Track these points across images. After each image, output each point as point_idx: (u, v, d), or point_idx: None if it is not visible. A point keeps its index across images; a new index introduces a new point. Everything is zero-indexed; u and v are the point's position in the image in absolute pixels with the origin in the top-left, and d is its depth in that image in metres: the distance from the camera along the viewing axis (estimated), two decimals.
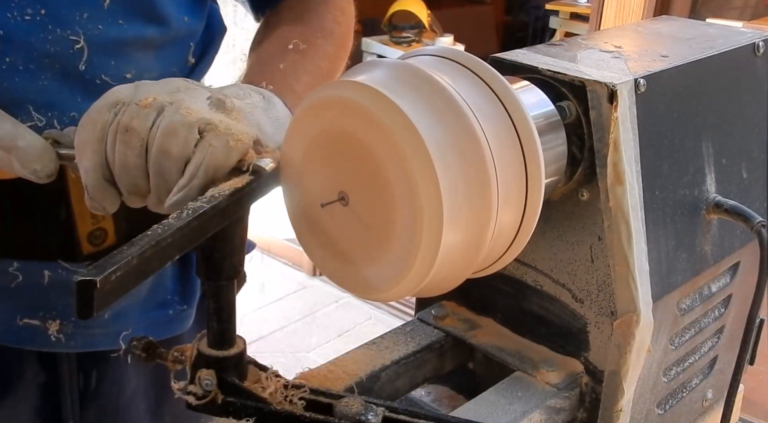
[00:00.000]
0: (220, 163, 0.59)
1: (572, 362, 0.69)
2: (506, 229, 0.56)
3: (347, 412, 0.59)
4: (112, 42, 0.74)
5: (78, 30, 0.72)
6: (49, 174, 0.64)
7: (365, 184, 0.54)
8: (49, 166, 0.64)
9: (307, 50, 0.83)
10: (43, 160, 0.64)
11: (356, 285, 0.59)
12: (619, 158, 0.62)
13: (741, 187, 0.76)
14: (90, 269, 0.47)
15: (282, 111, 0.72)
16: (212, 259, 0.58)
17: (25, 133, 0.64)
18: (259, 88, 0.73)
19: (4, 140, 0.63)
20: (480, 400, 0.68)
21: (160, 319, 0.86)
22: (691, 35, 0.77)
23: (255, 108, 0.68)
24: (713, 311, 0.78)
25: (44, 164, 0.64)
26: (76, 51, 0.72)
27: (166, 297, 0.87)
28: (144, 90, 0.62)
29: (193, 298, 0.88)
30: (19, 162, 0.63)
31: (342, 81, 0.56)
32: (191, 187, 0.59)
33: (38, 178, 0.64)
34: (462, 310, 0.77)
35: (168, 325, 0.86)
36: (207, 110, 0.61)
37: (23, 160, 0.63)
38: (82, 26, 0.72)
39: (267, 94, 0.72)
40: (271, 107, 0.71)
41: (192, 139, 0.60)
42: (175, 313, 0.87)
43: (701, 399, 0.82)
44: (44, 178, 0.64)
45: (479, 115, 0.53)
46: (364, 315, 3.01)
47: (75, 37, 0.72)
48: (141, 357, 0.63)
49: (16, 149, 0.63)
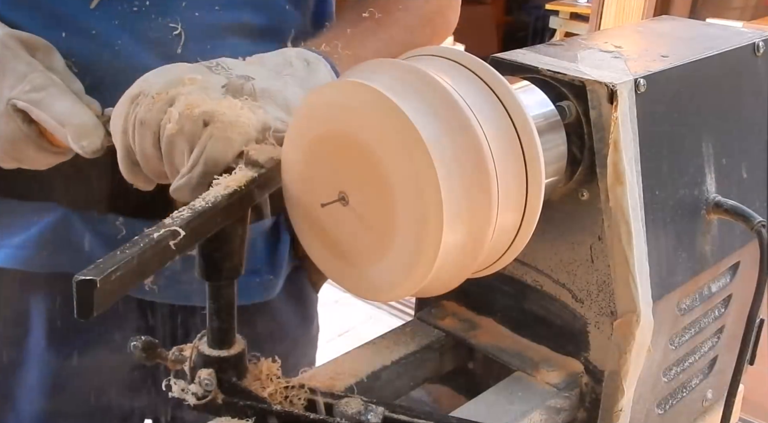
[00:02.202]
0: (219, 154, 0.61)
1: (572, 362, 0.69)
2: (506, 229, 0.56)
3: (347, 412, 0.59)
4: (208, 28, 0.79)
5: (176, 17, 0.78)
6: (95, 150, 0.69)
7: (365, 184, 0.54)
8: (95, 143, 0.68)
9: (383, 19, 0.85)
10: (91, 137, 0.68)
11: (356, 285, 0.59)
12: (619, 158, 0.62)
13: (741, 187, 0.76)
14: (90, 269, 0.47)
15: (325, 78, 0.74)
16: (212, 259, 0.58)
17: (81, 112, 0.69)
18: (307, 52, 0.76)
19: (62, 116, 0.69)
20: (480, 400, 0.68)
21: (249, 285, 0.90)
22: (691, 35, 0.77)
23: (290, 80, 0.71)
24: (713, 311, 0.78)
25: (91, 141, 0.68)
26: (175, 37, 0.78)
27: (256, 266, 0.91)
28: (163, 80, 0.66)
29: (280, 268, 0.92)
30: (71, 137, 0.69)
31: (342, 81, 0.56)
32: (192, 175, 0.62)
33: (85, 153, 0.69)
34: (462, 310, 0.77)
35: (256, 290, 0.91)
36: (217, 100, 0.64)
37: (74, 136, 0.68)
38: (180, 13, 0.78)
39: (313, 60, 0.75)
40: (312, 75, 0.73)
41: (197, 130, 0.62)
42: (262, 281, 0.91)
43: (701, 399, 0.82)
44: (90, 153, 0.69)
45: (479, 115, 0.53)
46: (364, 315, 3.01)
47: (173, 23, 0.78)
48: (141, 357, 0.63)
49: (70, 125, 0.69)
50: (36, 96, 0.70)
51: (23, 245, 0.85)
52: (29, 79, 0.70)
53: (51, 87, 0.70)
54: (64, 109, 0.69)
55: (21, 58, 0.71)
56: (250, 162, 0.61)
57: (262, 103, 0.66)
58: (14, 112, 0.70)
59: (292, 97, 0.69)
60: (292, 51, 0.76)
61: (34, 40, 0.73)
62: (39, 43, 0.73)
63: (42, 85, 0.70)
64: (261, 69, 0.71)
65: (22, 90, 0.70)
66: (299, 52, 0.75)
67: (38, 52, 0.73)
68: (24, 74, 0.70)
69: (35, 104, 0.70)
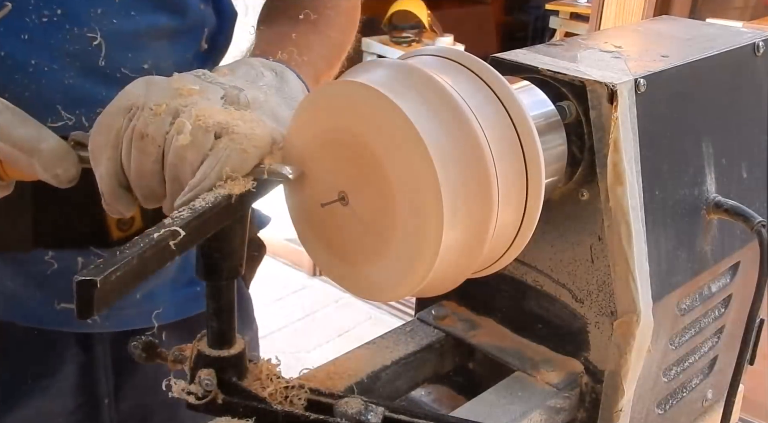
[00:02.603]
0: (236, 167, 0.58)
1: (572, 362, 0.69)
2: (506, 229, 0.56)
3: (347, 412, 0.59)
4: (126, 34, 0.76)
5: (94, 26, 0.73)
6: (71, 179, 0.63)
7: (365, 185, 0.54)
8: (70, 171, 0.63)
9: (318, 20, 0.85)
10: (64, 164, 0.62)
11: (357, 285, 0.59)
12: (619, 158, 0.62)
13: (741, 187, 0.76)
14: (90, 269, 0.47)
15: (296, 86, 0.72)
16: (212, 259, 0.58)
17: (48, 137, 0.63)
18: (271, 63, 0.73)
19: (27, 143, 0.62)
20: (480, 400, 0.68)
21: (189, 296, 0.88)
22: (691, 35, 0.77)
23: (268, 91, 0.68)
24: (713, 311, 0.78)
25: (66, 168, 0.62)
26: (94, 47, 0.73)
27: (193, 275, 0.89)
28: (156, 91, 0.62)
29: None
30: (41, 166, 0.62)
31: (342, 81, 0.56)
32: (202, 188, 0.58)
33: (59, 183, 0.63)
34: (462, 310, 0.77)
35: (197, 301, 0.87)
36: (222, 111, 0.61)
37: (45, 165, 0.62)
38: (97, 22, 0.73)
39: (279, 70, 0.73)
40: (285, 84, 0.71)
41: (208, 143, 0.59)
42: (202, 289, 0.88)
43: (701, 399, 0.82)
44: (65, 182, 0.63)
45: (479, 115, 0.53)
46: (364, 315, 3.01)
47: (92, 33, 0.73)
48: (141, 357, 0.63)
49: (39, 153, 0.62)
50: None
51: None
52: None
53: (6, 112, 0.63)
54: (27, 136, 0.62)
55: None
56: (274, 174, 0.58)
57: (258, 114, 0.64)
58: None
59: (276, 107, 0.67)
60: (256, 61, 0.72)
61: None
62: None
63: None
64: (237, 80, 0.68)
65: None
66: (263, 63, 0.72)
67: None
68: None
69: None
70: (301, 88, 0.73)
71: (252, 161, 0.58)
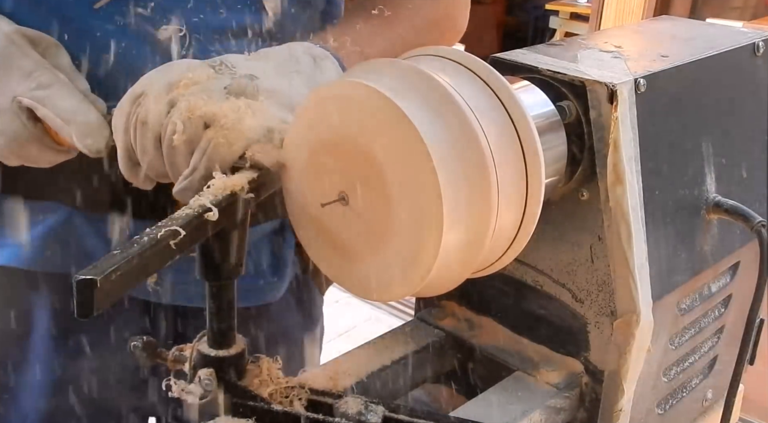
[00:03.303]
0: (221, 157, 0.61)
1: (572, 362, 0.69)
2: (506, 229, 0.56)
3: (347, 412, 0.59)
4: (211, 30, 0.79)
5: (182, 19, 0.77)
6: (99, 149, 0.69)
7: (365, 184, 0.54)
8: (99, 142, 0.69)
9: (391, 17, 0.85)
10: (95, 135, 0.69)
11: (357, 285, 0.59)
12: (619, 158, 0.62)
13: (741, 187, 0.76)
14: (90, 268, 0.47)
15: (332, 75, 0.74)
16: (212, 259, 0.58)
17: (86, 110, 0.69)
18: (315, 48, 0.75)
19: (66, 114, 0.69)
20: (480, 400, 0.68)
21: (251, 287, 0.90)
22: (691, 35, 0.77)
23: (297, 77, 0.71)
24: (713, 311, 0.78)
25: (96, 140, 0.69)
26: (179, 39, 0.78)
27: (260, 267, 0.91)
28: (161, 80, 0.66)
29: (284, 270, 0.92)
30: (75, 136, 0.69)
31: (343, 81, 0.56)
32: (193, 178, 0.62)
33: (89, 152, 0.69)
34: (462, 310, 0.77)
35: (258, 293, 0.91)
36: (218, 102, 0.64)
37: (78, 134, 0.69)
38: (185, 15, 0.78)
39: (321, 56, 0.75)
40: (319, 71, 0.73)
41: (197, 133, 0.62)
42: (266, 283, 0.91)
43: (701, 399, 0.82)
44: (94, 152, 0.69)
45: (479, 115, 0.53)
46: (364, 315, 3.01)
47: (179, 26, 0.77)
48: (142, 356, 0.63)
49: (75, 123, 0.69)
50: (41, 93, 0.70)
51: (27, 244, 0.85)
52: (35, 77, 0.70)
53: (56, 84, 0.70)
54: (69, 107, 0.69)
55: (28, 55, 0.71)
56: (254, 164, 0.61)
57: (266, 104, 0.66)
58: (19, 110, 0.70)
59: (297, 96, 0.69)
60: (299, 46, 0.75)
61: (42, 38, 0.73)
62: (46, 41, 0.73)
63: (48, 82, 0.70)
64: (266, 66, 0.71)
65: (27, 87, 0.70)
66: (307, 48, 0.75)
67: (46, 50, 0.73)
68: (30, 71, 0.70)
69: (40, 102, 0.69)
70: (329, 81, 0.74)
71: (236, 152, 0.61)
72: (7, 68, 0.71)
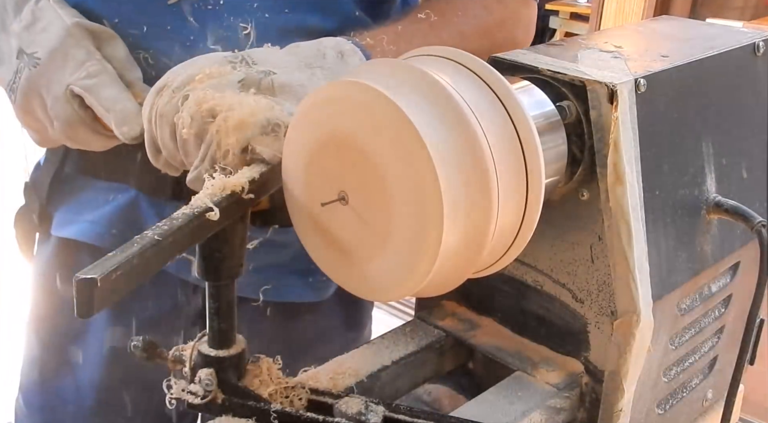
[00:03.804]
0: (224, 150, 0.63)
1: (572, 362, 0.69)
2: (506, 229, 0.56)
3: (347, 412, 0.59)
4: (276, 29, 0.82)
5: (247, 17, 0.81)
6: (134, 136, 0.73)
7: (366, 184, 0.54)
8: (135, 129, 0.73)
9: (437, 22, 0.86)
10: (131, 123, 0.73)
11: (357, 284, 0.59)
12: (619, 158, 0.62)
13: (741, 187, 0.76)
14: (90, 268, 0.47)
15: None
16: (212, 259, 0.58)
17: (125, 99, 0.74)
18: (344, 44, 0.77)
19: (107, 102, 0.74)
20: (480, 400, 0.68)
21: (300, 284, 0.94)
22: (691, 35, 0.77)
23: (319, 73, 0.73)
24: (713, 311, 0.78)
25: (131, 127, 0.73)
26: (244, 36, 0.81)
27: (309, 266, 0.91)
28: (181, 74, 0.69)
29: None
30: (114, 122, 0.73)
31: (343, 81, 0.56)
32: (201, 170, 0.65)
33: (125, 139, 0.73)
34: (462, 310, 0.77)
35: (307, 290, 0.94)
36: (228, 95, 0.66)
37: (116, 121, 0.73)
38: (251, 14, 0.81)
39: (349, 52, 0.76)
40: (344, 67, 0.75)
41: (204, 126, 0.64)
42: (315, 281, 0.94)
43: (701, 399, 0.82)
44: (129, 138, 0.73)
45: (479, 115, 0.53)
46: None
47: (244, 23, 0.81)
48: (142, 356, 0.63)
49: (114, 111, 0.74)
50: (89, 82, 0.75)
51: (96, 221, 0.91)
52: (85, 67, 0.75)
53: (102, 74, 0.75)
54: (110, 96, 0.74)
55: (82, 46, 0.75)
56: (255, 158, 0.61)
57: (280, 99, 0.68)
58: (71, 97, 0.75)
59: None
60: (330, 41, 0.77)
61: (100, 30, 0.78)
62: (104, 33, 0.78)
63: (95, 72, 0.75)
64: (289, 60, 0.72)
65: (78, 76, 0.75)
66: (337, 43, 0.76)
67: (103, 41, 0.77)
68: (82, 61, 0.75)
69: (87, 90, 0.74)
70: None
71: (238, 143, 0.63)
72: (63, 58, 0.76)
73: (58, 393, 0.99)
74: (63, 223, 0.94)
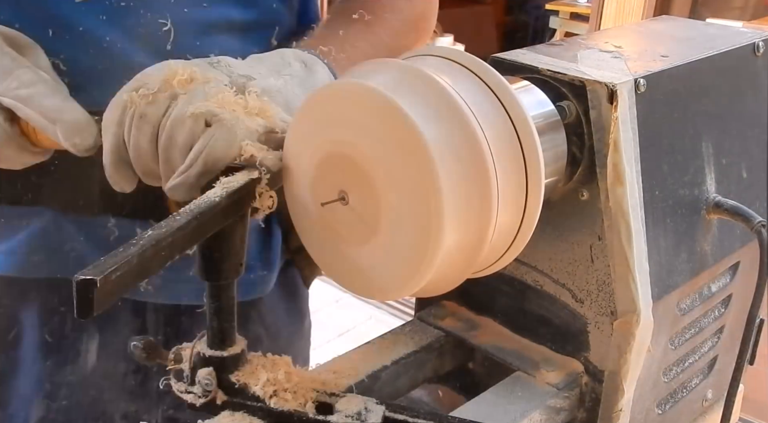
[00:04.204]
0: (219, 154, 0.61)
1: (572, 362, 0.69)
2: (506, 229, 0.56)
3: (347, 412, 0.59)
4: (196, 23, 0.79)
5: (166, 13, 0.78)
6: (87, 147, 0.67)
7: (365, 184, 0.54)
8: (87, 140, 0.67)
9: (372, 21, 0.86)
10: (83, 133, 0.67)
11: (357, 284, 0.59)
12: (619, 158, 0.62)
13: (741, 187, 0.76)
14: (90, 268, 0.47)
15: (323, 79, 0.75)
16: (212, 259, 0.58)
17: (72, 108, 0.68)
18: (303, 54, 0.76)
19: (51, 113, 0.67)
20: (480, 400, 0.68)
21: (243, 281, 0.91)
22: (691, 35, 0.77)
23: (291, 80, 0.71)
24: (713, 311, 0.78)
25: (83, 138, 0.67)
26: (164, 32, 0.78)
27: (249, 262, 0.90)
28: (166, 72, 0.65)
29: (273, 263, 0.92)
30: (62, 134, 0.67)
31: (343, 81, 0.56)
32: (189, 174, 0.62)
33: (77, 151, 0.67)
34: (462, 310, 0.77)
35: (249, 287, 0.91)
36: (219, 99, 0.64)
37: (65, 133, 0.67)
38: (169, 9, 0.78)
39: (310, 62, 0.75)
40: (311, 75, 0.74)
41: (198, 129, 0.62)
42: (256, 276, 0.91)
43: (701, 399, 0.82)
44: (82, 151, 0.67)
45: (479, 115, 0.53)
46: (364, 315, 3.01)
47: (163, 19, 0.78)
48: (142, 356, 0.63)
49: (61, 122, 0.67)
50: (24, 92, 0.68)
51: (12, 251, 0.83)
52: (16, 76, 0.68)
53: (39, 83, 0.68)
54: (53, 106, 0.68)
55: (6, 53, 0.69)
56: (252, 164, 0.61)
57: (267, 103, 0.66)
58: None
59: (292, 97, 0.69)
60: (289, 51, 0.76)
61: (19, 38, 0.72)
62: (24, 41, 0.72)
63: (29, 81, 0.68)
64: (261, 67, 0.71)
65: (8, 87, 0.68)
66: (296, 53, 0.76)
67: (23, 49, 0.72)
68: (9, 70, 0.68)
69: (22, 101, 0.68)
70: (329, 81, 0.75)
71: (236, 149, 0.61)
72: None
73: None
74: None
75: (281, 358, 0.63)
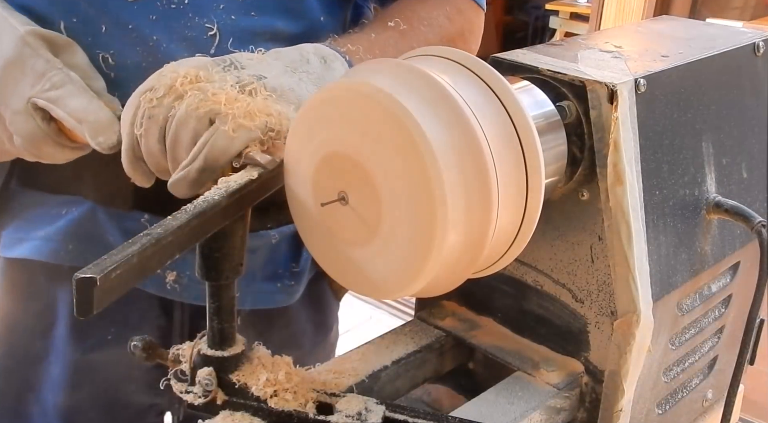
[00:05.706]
0: (220, 151, 0.62)
1: (572, 362, 0.69)
2: (506, 229, 0.56)
3: (347, 412, 0.59)
4: (241, 31, 0.81)
5: (213, 18, 0.80)
6: (111, 146, 0.70)
7: (366, 184, 0.54)
8: (111, 138, 0.70)
9: (406, 31, 0.87)
10: (107, 132, 0.70)
11: (358, 284, 0.59)
12: (619, 158, 0.62)
13: (741, 187, 0.76)
14: (90, 267, 0.47)
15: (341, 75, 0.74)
16: (212, 258, 0.58)
17: (98, 109, 0.71)
18: (324, 49, 0.77)
19: (77, 113, 0.70)
20: (480, 400, 0.68)
21: (268, 290, 0.92)
22: (691, 35, 0.77)
23: (306, 78, 0.72)
24: (713, 311, 0.78)
25: (107, 137, 0.70)
26: (209, 37, 0.80)
27: (277, 271, 0.92)
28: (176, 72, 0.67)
29: (302, 274, 0.93)
30: (87, 133, 0.70)
31: (344, 81, 0.56)
32: (191, 169, 0.63)
33: (101, 149, 0.70)
34: (462, 310, 0.77)
35: (274, 296, 0.92)
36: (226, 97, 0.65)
37: (90, 132, 0.70)
38: (216, 15, 0.80)
39: (330, 57, 0.76)
40: (329, 72, 0.75)
41: (201, 128, 0.63)
42: (283, 286, 0.93)
43: (701, 399, 0.82)
44: (106, 148, 0.70)
45: (479, 115, 0.53)
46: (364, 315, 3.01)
47: (209, 24, 0.80)
48: (141, 356, 0.63)
49: (86, 122, 0.70)
50: (54, 94, 0.71)
51: (50, 238, 0.87)
52: (48, 78, 0.71)
53: (68, 84, 0.71)
54: (80, 106, 0.71)
55: (40, 55, 0.72)
56: (251, 162, 0.61)
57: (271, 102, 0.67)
58: (34, 111, 0.72)
59: (305, 95, 0.70)
60: (309, 47, 0.77)
61: (56, 37, 0.74)
62: (60, 40, 0.74)
63: (60, 82, 0.71)
64: (275, 64, 0.72)
65: (41, 88, 0.71)
66: (317, 49, 0.76)
67: (61, 49, 0.74)
68: (43, 72, 0.71)
69: (53, 102, 0.71)
70: None
71: (237, 147, 0.62)
72: (20, 70, 0.72)
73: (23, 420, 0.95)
74: (12, 243, 0.89)
75: (282, 359, 0.63)
